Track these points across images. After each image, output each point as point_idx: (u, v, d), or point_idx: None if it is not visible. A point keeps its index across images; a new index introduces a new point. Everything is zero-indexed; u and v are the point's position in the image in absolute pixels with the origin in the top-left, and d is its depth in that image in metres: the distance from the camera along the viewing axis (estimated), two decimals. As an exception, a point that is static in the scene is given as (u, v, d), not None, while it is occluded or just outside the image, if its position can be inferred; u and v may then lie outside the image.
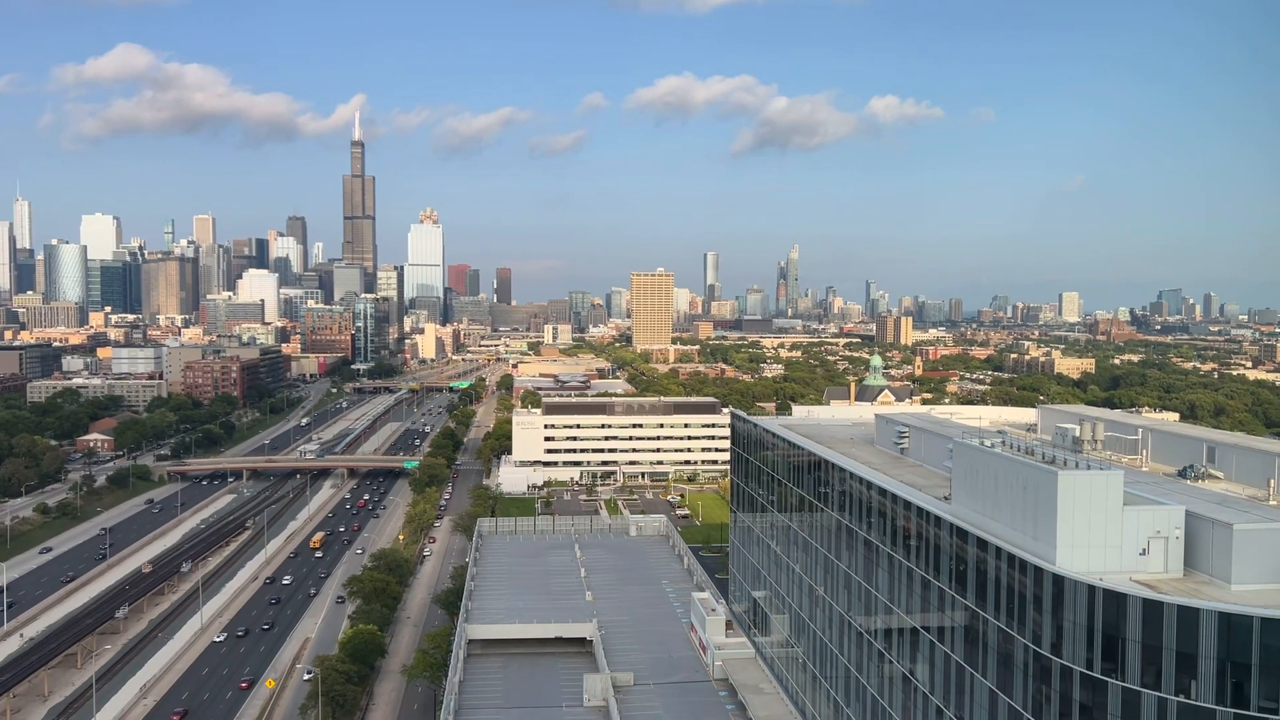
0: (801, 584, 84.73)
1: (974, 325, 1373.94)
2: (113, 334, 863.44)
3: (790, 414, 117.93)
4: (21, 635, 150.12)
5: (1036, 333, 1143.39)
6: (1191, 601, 43.18)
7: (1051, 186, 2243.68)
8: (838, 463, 75.17)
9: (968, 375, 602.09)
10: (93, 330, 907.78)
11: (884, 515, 66.68)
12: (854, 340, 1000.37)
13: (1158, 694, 43.75)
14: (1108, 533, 48.26)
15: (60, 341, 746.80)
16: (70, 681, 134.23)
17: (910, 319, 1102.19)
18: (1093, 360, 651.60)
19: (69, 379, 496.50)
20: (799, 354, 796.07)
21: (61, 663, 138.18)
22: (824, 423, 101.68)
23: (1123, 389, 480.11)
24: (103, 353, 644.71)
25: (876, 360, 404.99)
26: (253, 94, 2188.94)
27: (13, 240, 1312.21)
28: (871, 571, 69.11)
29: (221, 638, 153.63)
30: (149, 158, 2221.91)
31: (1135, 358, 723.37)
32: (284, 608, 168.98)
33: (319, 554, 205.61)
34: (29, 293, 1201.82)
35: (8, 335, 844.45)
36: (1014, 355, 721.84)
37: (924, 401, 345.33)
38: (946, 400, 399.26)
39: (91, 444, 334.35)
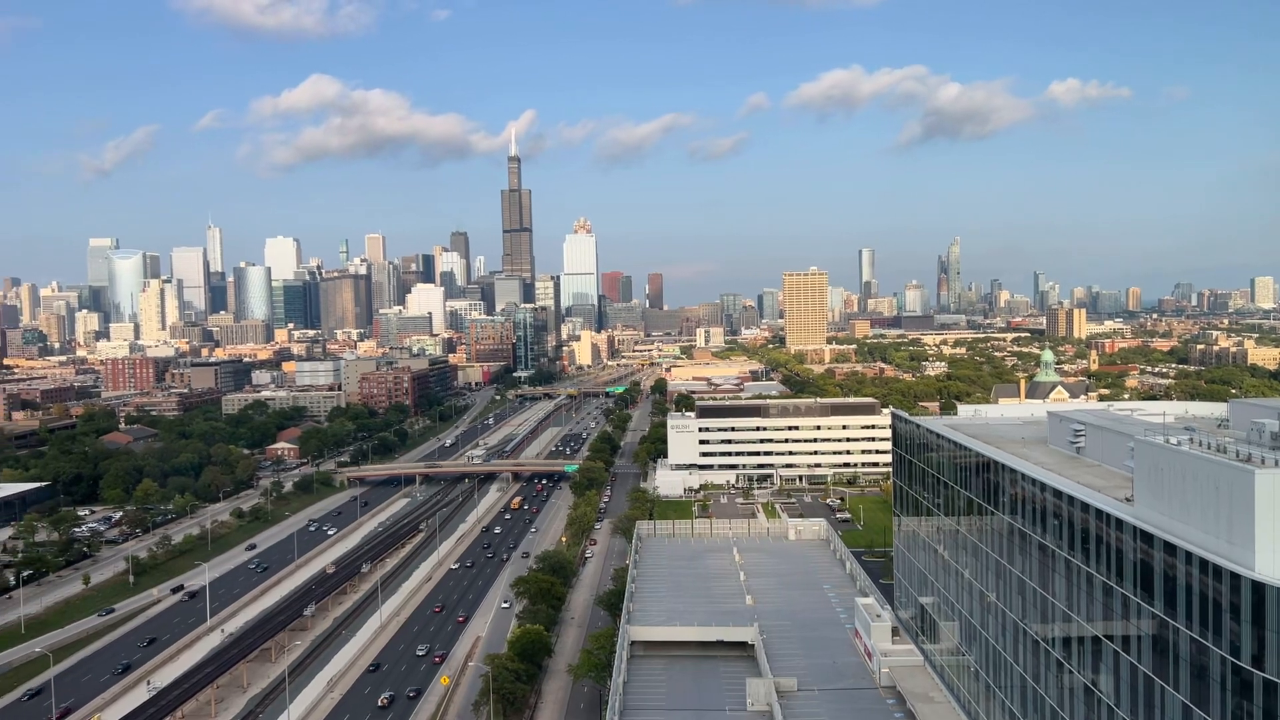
0: (971, 590, 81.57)
1: (1154, 315, 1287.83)
2: (295, 349, 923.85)
3: (955, 413, 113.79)
4: (223, 630, 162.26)
5: (1226, 321, 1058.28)
6: None
7: (1249, 163, 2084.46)
8: (1008, 463, 71.98)
9: (1149, 369, 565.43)
10: (278, 346, 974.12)
11: (1060, 518, 63.42)
12: (1022, 335, 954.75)
13: (1381, 714, 39.78)
14: (1316, 537, 44.22)
15: (250, 357, 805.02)
16: (266, 674, 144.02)
17: (1083, 310, 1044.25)
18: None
19: (258, 392, 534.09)
20: (963, 351, 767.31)
21: (257, 657, 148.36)
22: (992, 422, 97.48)
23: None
24: (287, 367, 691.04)
25: (1048, 355, 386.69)
26: (430, 115, 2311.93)
27: (206, 264, 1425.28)
28: (1047, 577, 65.83)
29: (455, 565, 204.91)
30: (330, 181, 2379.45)
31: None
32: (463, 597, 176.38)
33: (507, 516, 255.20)
34: (221, 312, 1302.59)
35: (204, 352, 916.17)
36: (1200, 346, 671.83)
37: (1101, 397, 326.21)
38: (1126, 396, 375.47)
39: (279, 452, 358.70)
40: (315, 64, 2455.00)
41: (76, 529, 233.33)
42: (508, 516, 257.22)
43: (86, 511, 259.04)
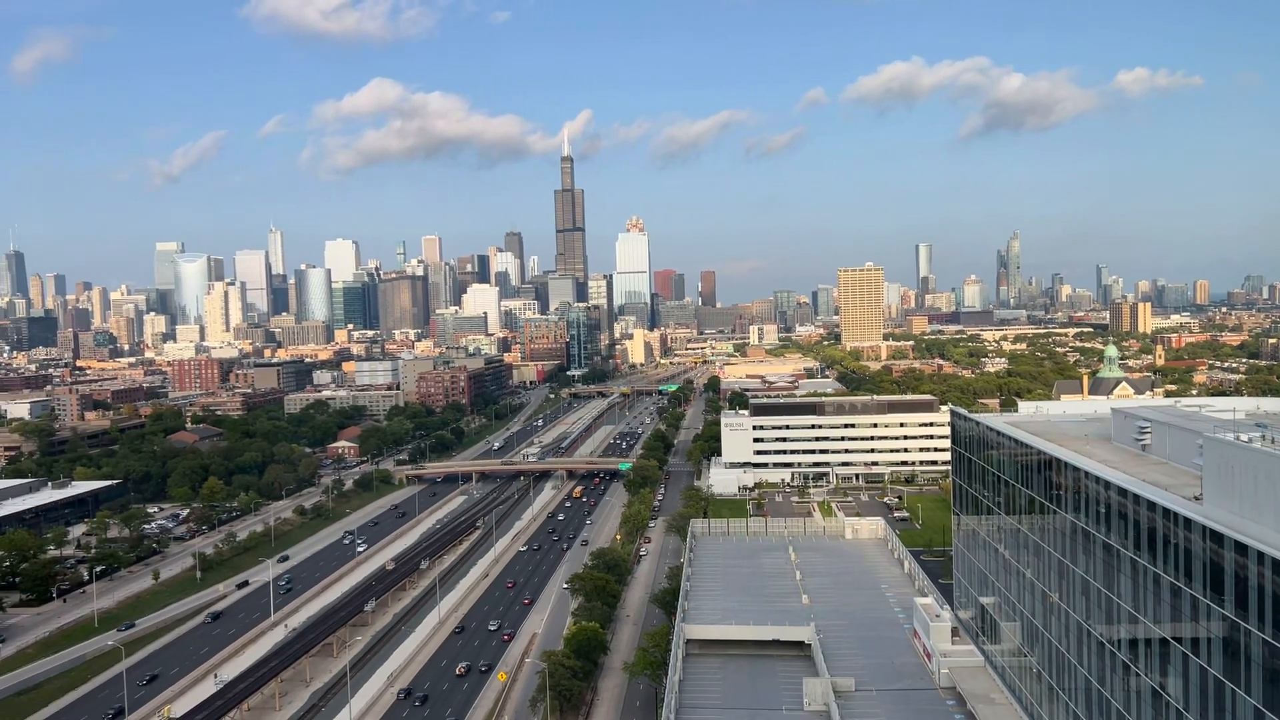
0: (1033, 590, 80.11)
1: (1223, 309, 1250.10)
2: (355, 349, 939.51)
3: (1016, 410, 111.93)
4: (286, 625, 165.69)
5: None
6: None
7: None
8: (1072, 461, 70.55)
9: (1217, 364, 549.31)
10: (338, 346, 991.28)
11: (1125, 517, 61.99)
12: (1085, 330, 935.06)
13: None
14: (1398, 537, 42.64)
15: (311, 358, 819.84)
16: (328, 669, 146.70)
17: (1148, 304, 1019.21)
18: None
19: (319, 391, 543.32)
20: (1023, 346, 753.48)
21: (320, 651, 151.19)
22: (1054, 419, 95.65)
23: None
24: (347, 367, 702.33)
25: (1111, 350, 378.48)
26: (488, 117, 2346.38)
27: (268, 267, 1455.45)
28: (1112, 577, 64.39)
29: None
30: (389, 183, 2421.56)
31: None
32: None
33: (568, 504, 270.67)
34: (283, 314, 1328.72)
35: (267, 353, 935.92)
36: (1272, 340, 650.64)
37: (1168, 394, 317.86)
38: (1194, 392, 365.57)
39: (340, 451, 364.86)
40: (377, 68, 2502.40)
41: (146, 525, 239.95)
42: (568, 504, 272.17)
43: (155, 509, 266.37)
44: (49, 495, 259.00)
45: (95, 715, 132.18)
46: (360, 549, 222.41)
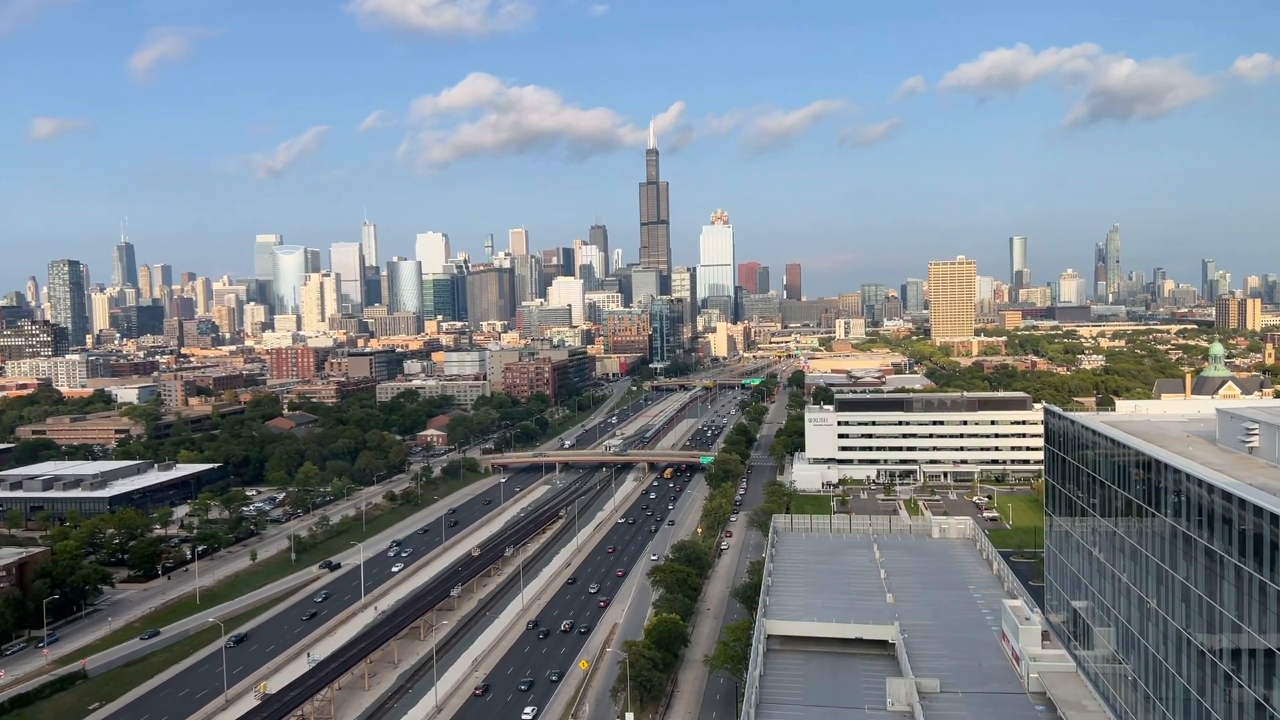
0: (1130, 595, 77.40)
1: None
2: (444, 340, 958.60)
3: (1113, 409, 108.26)
4: (376, 608, 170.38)
5: None
6: None
7: None
8: (1172, 463, 67.90)
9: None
10: (428, 337, 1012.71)
11: (1229, 522, 59.42)
12: (1188, 327, 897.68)
13: None
14: None
15: (402, 348, 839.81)
16: (415, 651, 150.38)
17: (1258, 300, 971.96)
18: None
19: (409, 380, 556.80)
20: (1122, 343, 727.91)
21: (407, 634, 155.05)
22: (1154, 419, 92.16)
23: None
24: (436, 357, 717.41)
25: (1217, 348, 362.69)
26: (580, 110, 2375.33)
27: (362, 259, 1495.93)
28: (1214, 584, 61.81)
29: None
30: (481, 177, 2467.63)
31: None
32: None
33: (656, 484, 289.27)
34: (376, 305, 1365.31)
35: (360, 343, 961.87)
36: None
37: (1277, 394, 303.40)
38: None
39: (429, 439, 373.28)
40: (474, 62, 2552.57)
41: (245, 508, 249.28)
42: (656, 484, 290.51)
43: (253, 492, 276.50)
44: (155, 477, 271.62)
45: (197, 688, 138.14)
46: (396, 568, 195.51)
